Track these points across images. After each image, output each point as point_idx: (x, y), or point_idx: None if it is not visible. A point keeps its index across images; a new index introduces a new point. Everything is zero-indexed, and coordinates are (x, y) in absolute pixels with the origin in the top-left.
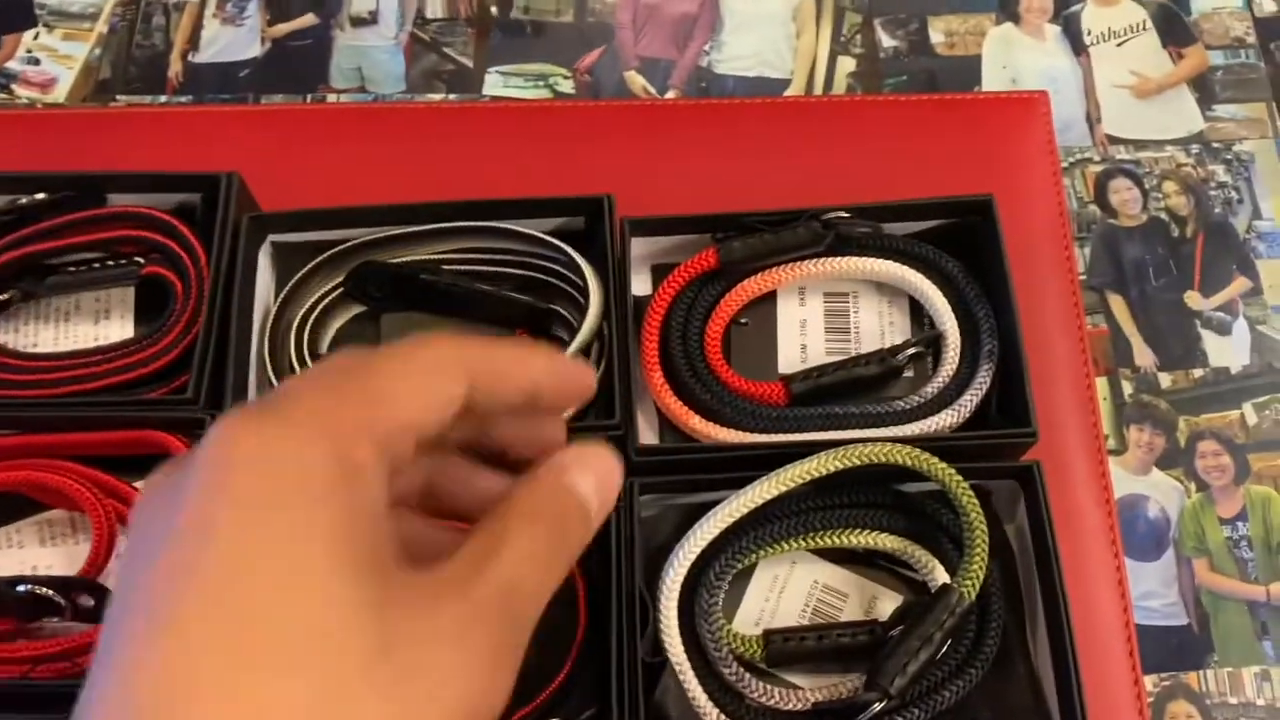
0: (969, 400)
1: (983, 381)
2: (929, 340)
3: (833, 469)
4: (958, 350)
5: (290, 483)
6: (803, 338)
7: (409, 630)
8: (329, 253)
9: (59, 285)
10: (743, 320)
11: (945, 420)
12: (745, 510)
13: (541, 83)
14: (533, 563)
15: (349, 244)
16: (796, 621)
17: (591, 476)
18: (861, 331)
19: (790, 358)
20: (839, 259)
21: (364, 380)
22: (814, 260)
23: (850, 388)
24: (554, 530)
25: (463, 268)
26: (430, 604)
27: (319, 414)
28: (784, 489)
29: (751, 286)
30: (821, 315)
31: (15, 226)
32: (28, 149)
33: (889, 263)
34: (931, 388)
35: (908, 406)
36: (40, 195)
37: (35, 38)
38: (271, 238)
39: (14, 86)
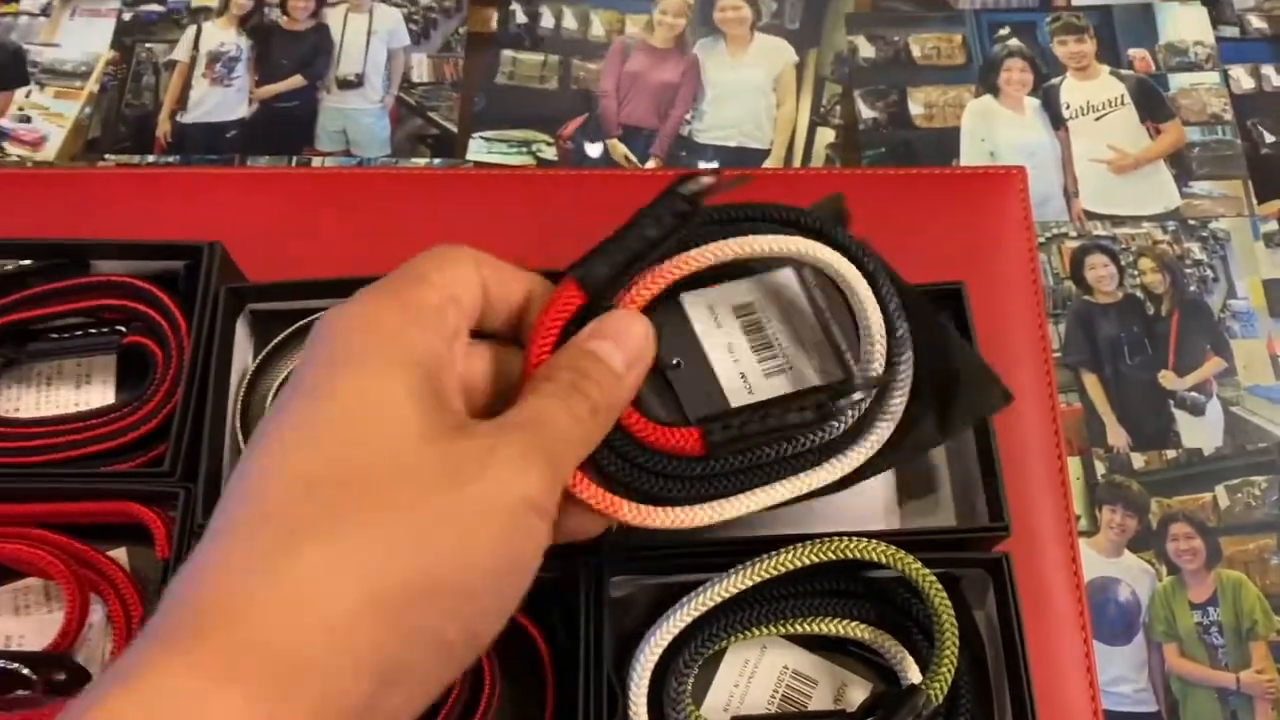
0: (896, 406)
1: (905, 376)
2: (876, 383)
3: (807, 562)
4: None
5: (369, 342)
6: (737, 364)
7: (461, 463)
8: (302, 322)
9: (41, 352)
10: (674, 362)
11: (878, 435)
12: (717, 600)
13: (524, 149)
14: (562, 410)
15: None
16: (765, 708)
17: (607, 339)
18: (784, 346)
19: (735, 389)
20: (725, 242)
21: (410, 271)
22: (697, 249)
23: (778, 435)
24: (577, 385)
25: None
26: (482, 443)
27: (384, 291)
28: (757, 580)
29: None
30: (741, 334)
31: (7, 292)
32: (14, 209)
33: (786, 238)
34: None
35: (829, 437)
36: (25, 262)
37: (27, 95)
38: (250, 307)
39: (5, 144)
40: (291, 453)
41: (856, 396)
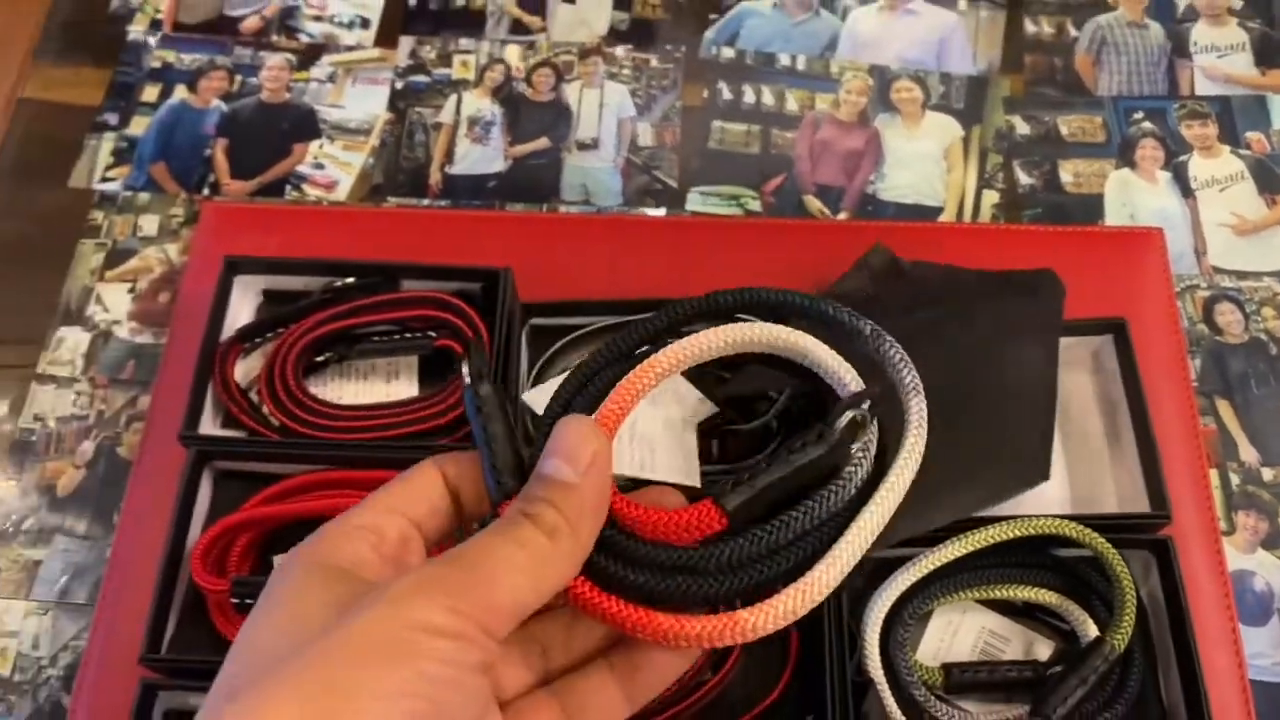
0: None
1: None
2: (863, 397)
3: (1010, 536)
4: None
5: (297, 559)
6: None
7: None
8: (575, 334)
9: (366, 351)
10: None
11: (904, 458)
12: (936, 565)
13: (734, 202)
14: (503, 541)
15: (591, 328)
16: (967, 659)
17: (551, 455)
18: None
19: None
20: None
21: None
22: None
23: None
24: (526, 511)
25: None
26: (379, 587)
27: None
28: (966, 550)
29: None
30: None
31: (331, 303)
32: (316, 238)
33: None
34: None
35: (850, 486)
36: (350, 279)
37: (320, 147)
38: (531, 321)
39: (304, 186)
40: (237, 645)
41: (843, 420)
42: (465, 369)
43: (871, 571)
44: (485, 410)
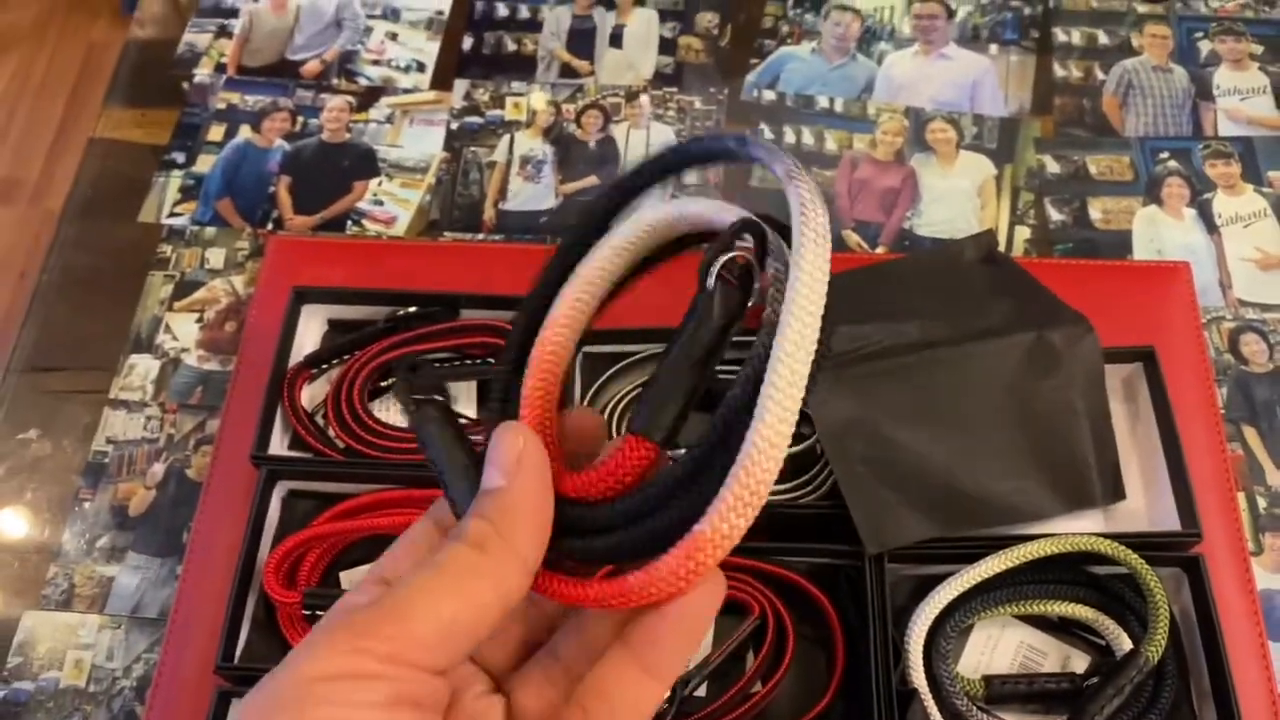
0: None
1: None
2: (737, 229)
3: (1048, 553)
4: None
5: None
6: None
7: None
8: (625, 362)
9: (429, 376)
10: None
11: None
12: (976, 580)
13: None
14: (422, 568)
15: (641, 355)
16: (1006, 672)
17: (486, 469)
18: None
19: None
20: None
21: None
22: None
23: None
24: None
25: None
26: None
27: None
28: (1008, 566)
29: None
30: None
31: (394, 331)
32: (377, 270)
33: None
34: None
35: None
36: (412, 309)
37: (379, 184)
38: (584, 349)
39: (364, 222)
40: None
41: (715, 266)
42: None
43: (916, 587)
44: (424, 434)
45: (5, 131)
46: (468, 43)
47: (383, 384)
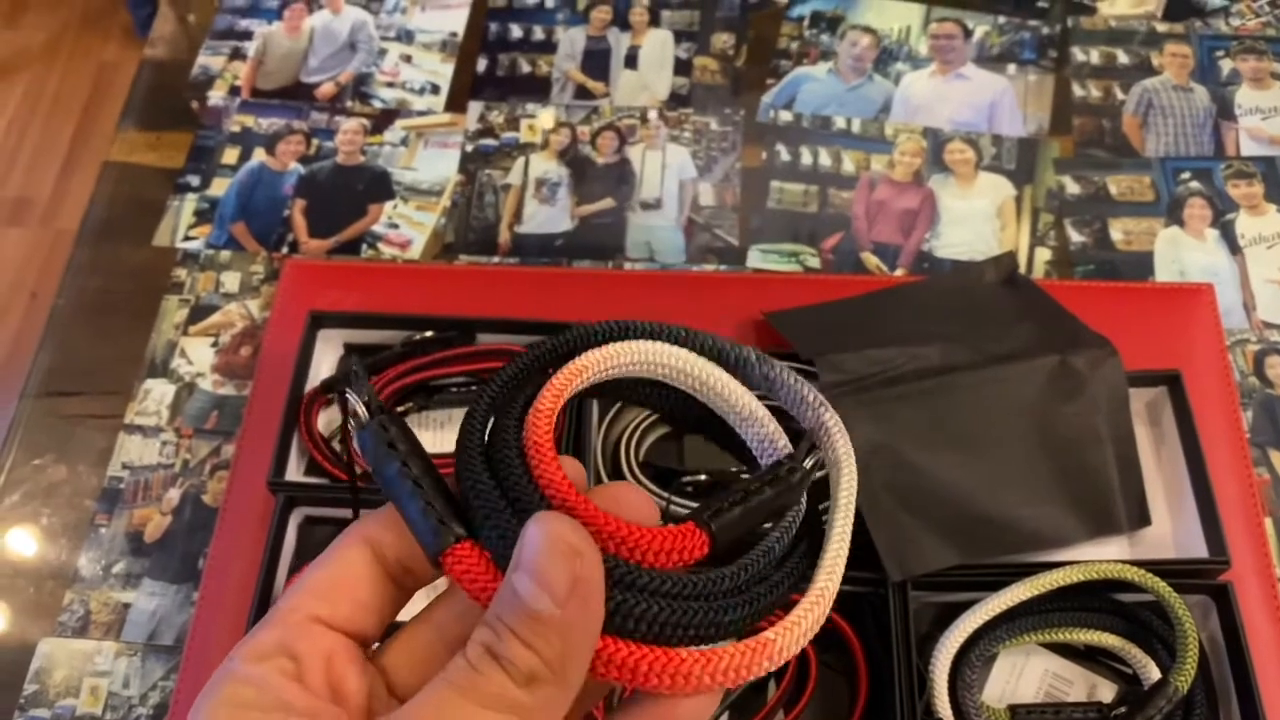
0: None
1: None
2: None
3: (1075, 580)
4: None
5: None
6: None
7: None
8: None
9: (444, 401)
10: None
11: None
12: (1001, 609)
13: (794, 258)
14: (466, 700)
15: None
16: (1032, 701)
17: (521, 570)
18: None
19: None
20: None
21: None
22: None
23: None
24: (495, 650)
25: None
26: None
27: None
28: (1033, 593)
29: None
30: None
31: (411, 356)
32: (393, 294)
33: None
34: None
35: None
36: (429, 333)
37: (394, 207)
38: None
39: (379, 245)
40: None
41: (811, 460)
42: (351, 401)
43: (939, 615)
44: (395, 444)
45: (16, 151)
46: (482, 64)
47: (399, 409)
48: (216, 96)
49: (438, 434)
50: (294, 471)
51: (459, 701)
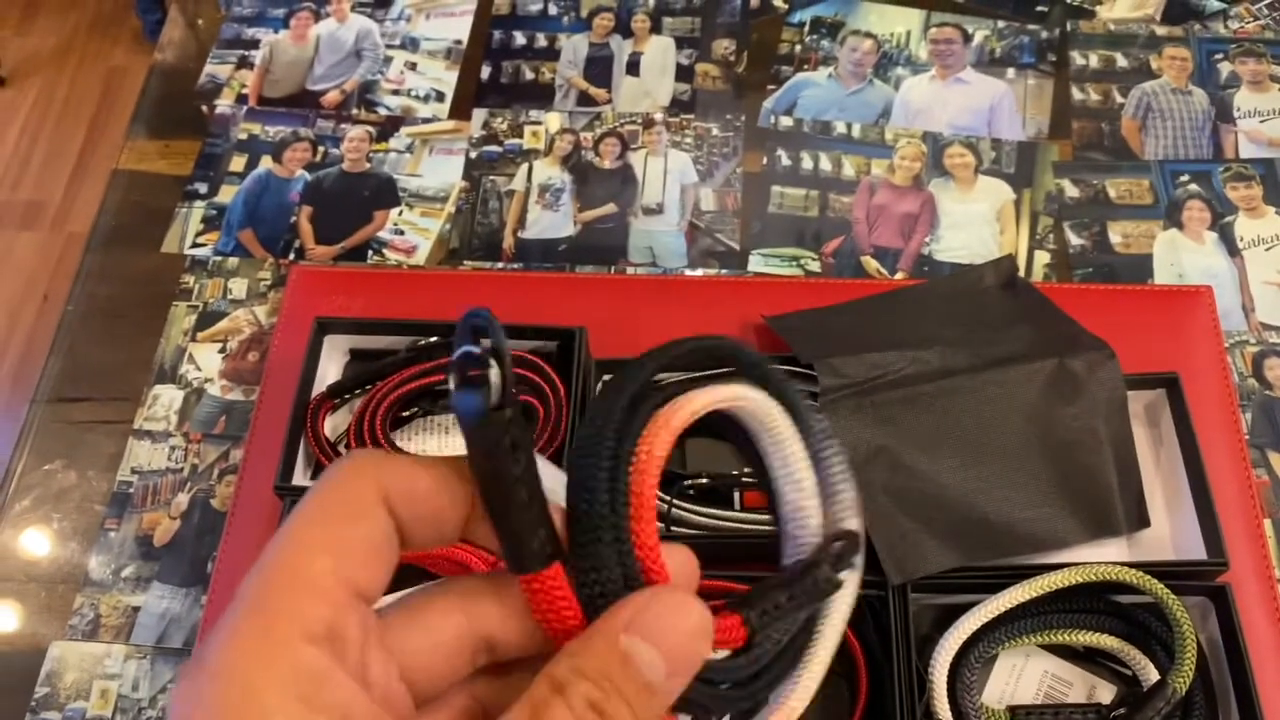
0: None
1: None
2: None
3: (1074, 582)
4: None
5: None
6: None
7: None
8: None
9: (444, 408)
10: None
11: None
12: (1000, 610)
13: (794, 263)
14: None
15: (660, 383)
16: (1031, 702)
17: (647, 638)
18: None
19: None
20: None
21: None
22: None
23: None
24: (599, 707)
25: None
26: None
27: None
28: (1032, 595)
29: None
30: None
31: (416, 361)
32: (399, 299)
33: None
34: None
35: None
36: (434, 338)
37: (400, 214)
38: (605, 377)
39: (385, 251)
40: None
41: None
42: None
43: (938, 616)
44: (518, 445)
45: (28, 156)
46: (486, 72)
47: (404, 414)
48: (223, 104)
49: (444, 438)
50: (301, 476)
51: None
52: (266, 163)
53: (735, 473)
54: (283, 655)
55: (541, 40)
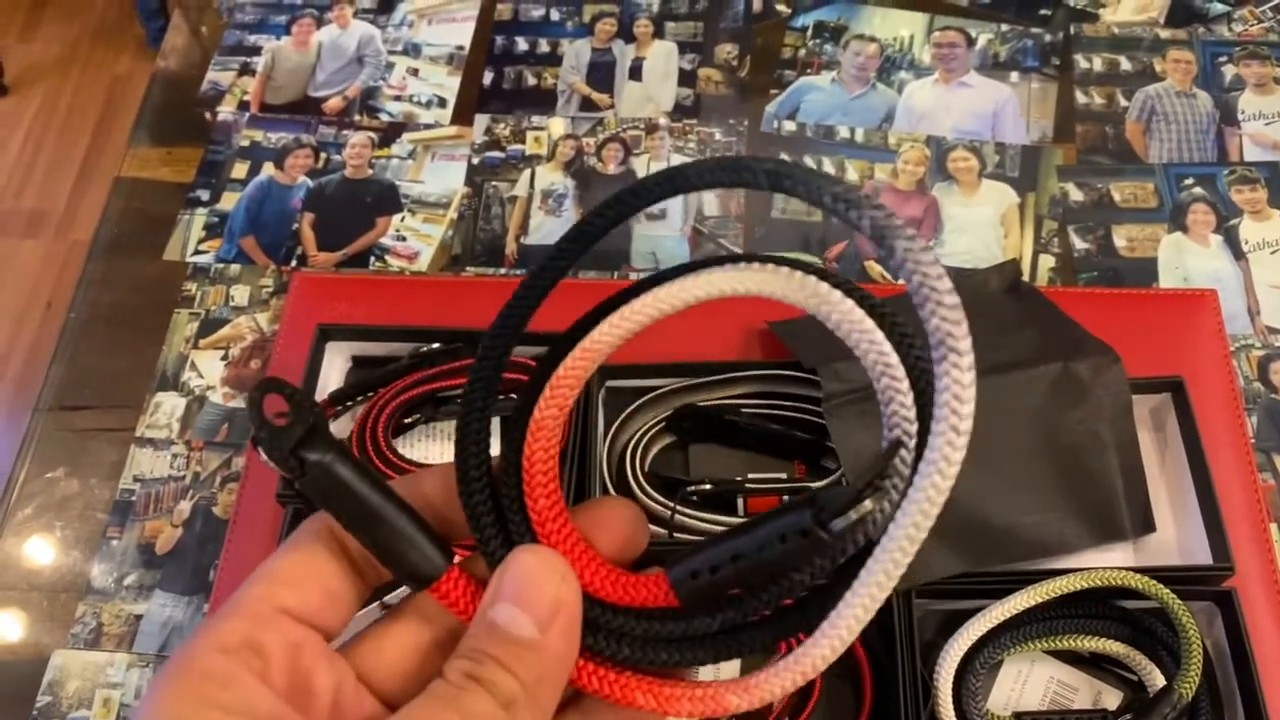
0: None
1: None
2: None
3: (1079, 587)
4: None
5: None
6: None
7: None
8: (648, 396)
9: (451, 413)
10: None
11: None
12: (1005, 616)
13: None
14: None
15: (664, 389)
16: (1037, 708)
17: (506, 599)
18: None
19: None
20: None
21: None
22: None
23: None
24: (475, 675)
25: (759, 410)
26: None
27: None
28: (1037, 601)
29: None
30: None
31: (418, 368)
32: (401, 306)
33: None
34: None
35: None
36: (436, 345)
37: (402, 220)
38: (608, 383)
39: (387, 257)
40: None
41: (854, 515)
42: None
43: (943, 622)
44: (362, 470)
45: (32, 164)
46: (488, 77)
47: (406, 420)
48: (226, 111)
49: (446, 445)
50: None
51: (447, 715)
52: (269, 169)
53: (739, 478)
54: (193, 664)
55: (544, 45)
